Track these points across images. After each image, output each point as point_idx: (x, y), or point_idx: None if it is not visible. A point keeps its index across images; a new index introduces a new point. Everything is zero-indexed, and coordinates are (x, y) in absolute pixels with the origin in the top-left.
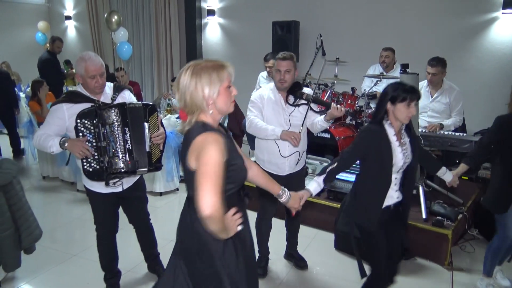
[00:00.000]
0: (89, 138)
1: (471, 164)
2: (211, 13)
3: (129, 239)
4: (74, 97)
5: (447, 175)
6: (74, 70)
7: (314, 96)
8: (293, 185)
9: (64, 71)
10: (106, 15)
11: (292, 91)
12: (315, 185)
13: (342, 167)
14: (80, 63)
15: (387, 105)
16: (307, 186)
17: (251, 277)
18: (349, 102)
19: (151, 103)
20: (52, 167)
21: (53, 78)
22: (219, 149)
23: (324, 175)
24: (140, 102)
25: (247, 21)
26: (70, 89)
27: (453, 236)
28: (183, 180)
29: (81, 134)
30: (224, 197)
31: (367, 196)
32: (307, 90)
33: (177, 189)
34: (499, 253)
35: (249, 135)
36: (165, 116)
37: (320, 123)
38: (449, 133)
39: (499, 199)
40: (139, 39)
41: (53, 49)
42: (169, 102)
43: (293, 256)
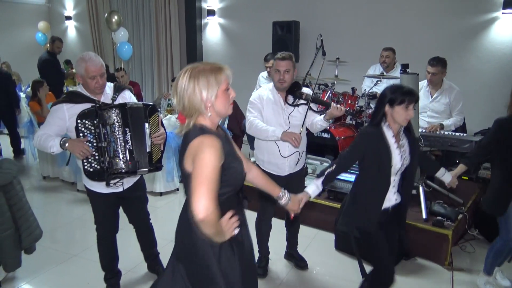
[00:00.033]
0: (89, 139)
1: (470, 165)
2: (211, 13)
3: (129, 239)
4: (75, 97)
5: (446, 176)
6: (74, 70)
7: (314, 96)
8: (293, 185)
9: (65, 71)
10: (106, 15)
11: (291, 91)
12: (313, 188)
13: (340, 169)
14: (80, 63)
15: (385, 108)
16: (306, 189)
17: (250, 280)
18: (349, 102)
19: (152, 103)
20: (53, 167)
21: (53, 78)
22: (215, 153)
23: (322, 178)
24: (141, 103)
25: (247, 21)
26: (71, 89)
27: (453, 236)
28: None
29: (81, 134)
30: (221, 200)
31: (366, 198)
32: (306, 90)
33: (177, 189)
34: (501, 254)
35: (249, 135)
36: (165, 116)
37: (320, 122)
38: (449, 133)
39: (498, 200)
40: (139, 39)
41: (53, 49)
42: (169, 102)
43: (293, 256)
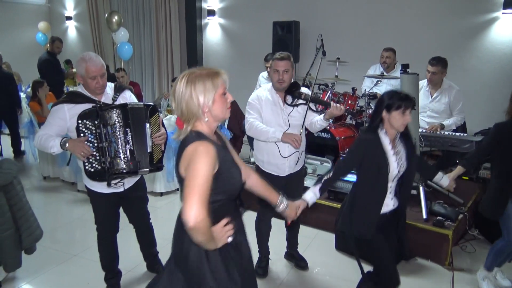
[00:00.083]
0: (90, 139)
1: (468, 167)
2: (211, 13)
3: (129, 239)
4: (75, 97)
5: (444, 180)
6: (74, 70)
7: (313, 95)
8: (292, 185)
9: (65, 70)
10: (106, 15)
11: (290, 91)
12: (311, 195)
13: (338, 176)
14: (80, 63)
15: (382, 113)
16: (304, 196)
17: (249, 287)
18: (349, 102)
19: (152, 104)
20: (53, 168)
21: (52, 79)
22: (208, 161)
23: (320, 185)
24: (142, 103)
25: (248, 21)
26: (71, 89)
27: (454, 236)
28: None
29: (82, 134)
30: (216, 206)
31: (364, 204)
32: (304, 89)
33: (178, 189)
34: (502, 254)
35: (249, 136)
36: (165, 116)
37: (319, 122)
38: (449, 133)
39: (495, 203)
40: (139, 40)
41: (52, 49)
42: (169, 103)
43: (293, 256)
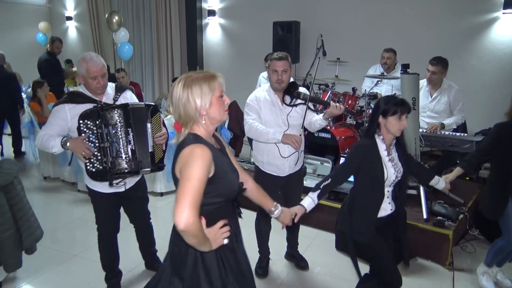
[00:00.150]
0: (91, 139)
1: (467, 168)
2: (211, 13)
3: (130, 240)
4: (76, 97)
5: (440, 183)
6: (74, 69)
7: (312, 95)
8: (292, 185)
9: (65, 70)
10: (107, 15)
11: (288, 91)
12: (309, 201)
13: (335, 183)
14: (81, 63)
15: (379, 119)
16: (302, 202)
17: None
18: (350, 102)
19: (153, 104)
20: (53, 168)
21: (52, 79)
22: (203, 164)
23: (318, 191)
24: (143, 103)
25: (248, 22)
26: (71, 89)
27: (454, 236)
28: None
29: (83, 135)
30: (212, 209)
31: (362, 209)
32: (302, 89)
33: None
34: (502, 253)
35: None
36: (165, 117)
37: (319, 122)
38: (449, 133)
39: (495, 203)
40: (139, 40)
41: (52, 49)
42: (167, 106)
43: (294, 256)
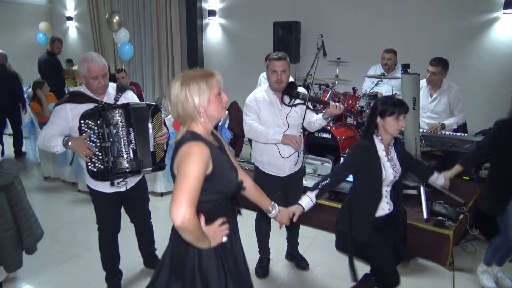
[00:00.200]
0: (93, 138)
1: (467, 165)
2: (212, 13)
3: (130, 240)
4: (77, 97)
5: (440, 179)
6: (74, 68)
7: (311, 95)
8: (292, 185)
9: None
10: (107, 15)
11: (287, 91)
12: (307, 200)
13: (334, 183)
14: (82, 63)
15: (377, 119)
16: (300, 201)
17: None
18: (350, 102)
19: (155, 103)
20: (54, 168)
21: (53, 79)
22: (200, 161)
23: (317, 191)
24: (144, 103)
25: (248, 22)
26: (71, 89)
27: (455, 237)
28: None
29: (84, 134)
30: (211, 206)
31: (360, 208)
32: (301, 89)
33: None
34: (500, 251)
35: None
36: (166, 116)
37: (318, 121)
38: (450, 133)
39: (496, 200)
40: (140, 40)
41: (52, 49)
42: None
43: (294, 257)
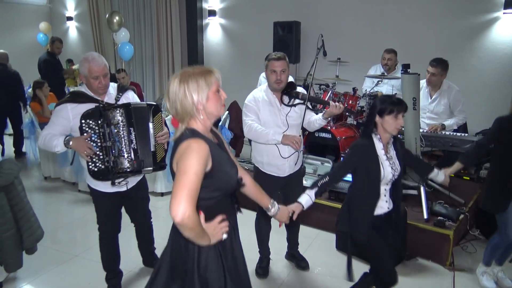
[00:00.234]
0: (93, 138)
1: (466, 163)
2: (212, 13)
3: (130, 240)
4: (78, 97)
5: (440, 176)
6: (74, 66)
7: (311, 95)
8: (292, 185)
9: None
10: (107, 15)
11: (286, 91)
12: (307, 198)
13: (333, 181)
14: (83, 63)
15: (375, 118)
16: (299, 199)
17: (241, 285)
18: (350, 102)
19: (155, 103)
20: (54, 168)
21: (53, 79)
22: (200, 158)
23: (316, 189)
24: (145, 102)
25: (248, 22)
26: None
27: (455, 237)
28: None
29: (85, 134)
30: (211, 203)
31: (359, 207)
32: (299, 89)
33: None
34: (498, 249)
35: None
36: (166, 116)
37: (318, 121)
38: (450, 133)
39: (497, 198)
40: (140, 40)
41: (53, 49)
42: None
43: (294, 257)
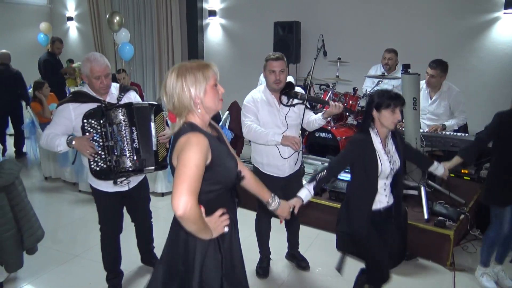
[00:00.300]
0: (96, 138)
1: (466, 157)
2: (212, 13)
3: (130, 240)
4: (80, 97)
5: (439, 169)
6: (74, 65)
7: (310, 95)
8: (292, 185)
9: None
10: (108, 16)
11: (285, 91)
12: (306, 192)
13: (331, 175)
14: (85, 63)
15: (372, 113)
16: (299, 193)
17: (238, 279)
18: (350, 102)
19: (157, 103)
20: (54, 168)
21: (53, 79)
22: (199, 151)
23: (314, 183)
24: (146, 102)
25: (249, 22)
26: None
27: (455, 237)
28: None
29: (88, 134)
30: (211, 197)
31: (357, 202)
32: (298, 89)
33: None
34: (494, 246)
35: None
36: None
37: (318, 121)
38: (450, 133)
39: (498, 192)
40: (140, 40)
41: (53, 50)
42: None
43: (294, 257)
